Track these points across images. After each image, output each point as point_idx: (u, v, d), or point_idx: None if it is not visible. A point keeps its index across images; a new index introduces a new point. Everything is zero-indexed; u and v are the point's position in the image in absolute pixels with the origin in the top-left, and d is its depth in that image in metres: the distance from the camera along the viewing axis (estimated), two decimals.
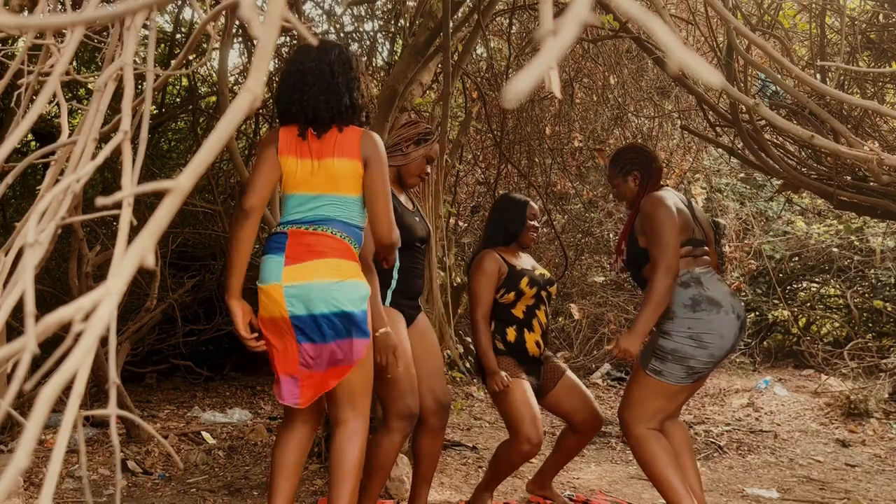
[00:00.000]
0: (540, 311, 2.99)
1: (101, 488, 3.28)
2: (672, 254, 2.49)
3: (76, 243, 3.63)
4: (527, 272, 2.96)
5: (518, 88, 0.37)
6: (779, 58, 1.24)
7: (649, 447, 2.53)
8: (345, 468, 2.10)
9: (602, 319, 6.07)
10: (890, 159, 1.28)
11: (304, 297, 2.04)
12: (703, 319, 2.51)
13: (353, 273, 2.08)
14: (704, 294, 2.54)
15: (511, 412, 2.81)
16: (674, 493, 2.51)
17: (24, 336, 0.45)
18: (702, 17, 3.95)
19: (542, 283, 2.99)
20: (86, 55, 4.98)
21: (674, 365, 2.52)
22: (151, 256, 0.46)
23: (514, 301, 2.93)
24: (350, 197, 2.13)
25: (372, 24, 5.00)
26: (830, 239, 6.36)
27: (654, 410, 2.57)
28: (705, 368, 2.54)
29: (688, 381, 2.55)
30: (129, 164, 0.68)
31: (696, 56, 0.39)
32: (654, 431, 2.56)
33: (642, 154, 2.80)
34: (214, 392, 5.55)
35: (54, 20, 0.55)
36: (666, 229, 2.52)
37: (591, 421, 3.00)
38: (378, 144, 2.13)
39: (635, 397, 2.60)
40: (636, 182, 2.74)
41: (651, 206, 2.58)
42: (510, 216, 3.02)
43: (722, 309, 2.52)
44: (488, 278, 2.90)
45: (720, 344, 2.51)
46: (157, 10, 1.13)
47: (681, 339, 2.51)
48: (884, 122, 3.58)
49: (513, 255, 3.02)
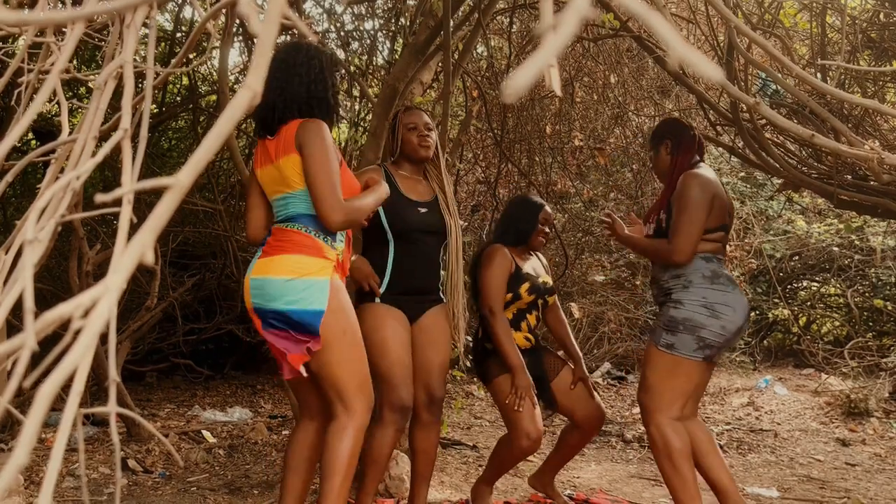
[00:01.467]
0: (531, 315, 2.98)
1: (101, 487, 3.28)
2: (686, 239, 2.47)
3: (76, 242, 3.63)
4: (530, 277, 2.94)
5: (518, 83, 0.37)
6: (779, 57, 1.23)
7: (668, 436, 2.48)
8: (330, 464, 2.09)
9: (602, 318, 6.07)
10: (890, 158, 1.28)
11: (261, 289, 2.09)
12: (720, 291, 2.50)
13: (310, 270, 2.07)
14: (723, 271, 2.55)
15: (510, 408, 2.80)
16: (685, 488, 2.48)
17: (24, 333, 0.45)
18: (702, 15, 3.95)
19: (542, 292, 2.97)
20: (86, 54, 4.97)
21: (685, 335, 2.48)
22: (151, 253, 0.46)
23: (509, 303, 2.92)
24: (302, 190, 2.11)
25: (372, 23, 5.00)
26: (831, 238, 6.36)
27: (673, 393, 2.50)
28: (716, 342, 2.49)
29: (699, 357, 2.49)
30: (128, 161, 0.68)
31: (696, 52, 0.39)
32: (675, 422, 2.50)
33: (674, 123, 2.76)
34: (215, 391, 5.55)
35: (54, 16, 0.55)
36: (691, 214, 2.48)
37: (593, 417, 2.98)
38: (311, 127, 2.08)
39: (651, 380, 2.55)
40: (667, 150, 2.69)
41: (685, 186, 2.53)
42: (523, 216, 3.00)
43: (737, 288, 2.55)
44: (502, 270, 2.87)
45: (732, 317, 2.49)
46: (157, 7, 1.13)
47: (694, 307, 2.49)
48: (884, 121, 3.58)
49: (520, 256, 3.00)
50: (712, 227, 2.56)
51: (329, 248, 2.12)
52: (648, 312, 6.15)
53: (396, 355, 2.46)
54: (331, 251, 2.13)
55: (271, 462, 3.73)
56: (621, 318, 6.06)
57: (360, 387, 2.13)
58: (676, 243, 2.49)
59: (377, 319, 2.50)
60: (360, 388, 2.13)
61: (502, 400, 2.83)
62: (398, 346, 2.48)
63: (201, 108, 5.31)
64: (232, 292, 5.37)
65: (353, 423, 2.10)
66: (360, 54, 5.10)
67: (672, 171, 2.65)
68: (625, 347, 6.06)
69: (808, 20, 3.59)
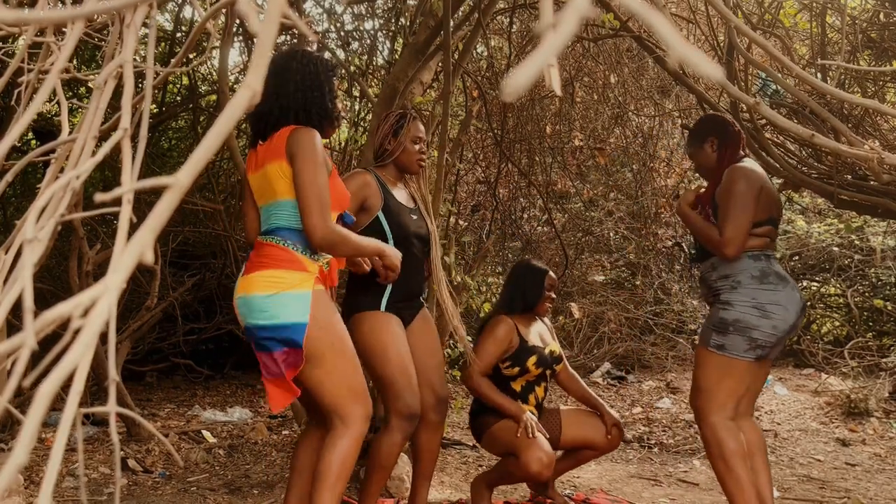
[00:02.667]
0: (539, 388, 2.97)
1: (101, 487, 3.28)
2: (736, 230, 2.44)
3: (76, 242, 3.63)
4: (537, 350, 2.93)
5: (518, 82, 0.37)
6: (779, 56, 1.23)
7: (722, 437, 2.45)
8: (321, 472, 2.06)
9: (602, 318, 6.07)
10: (890, 158, 1.28)
11: (245, 307, 2.07)
12: (770, 290, 2.46)
13: (290, 284, 2.03)
14: (772, 269, 2.50)
15: (519, 442, 2.75)
16: (740, 490, 2.43)
17: (23, 332, 0.45)
18: (702, 15, 3.95)
19: (550, 362, 2.97)
20: (86, 53, 4.98)
21: (736, 336, 2.44)
22: (150, 252, 0.46)
23: (517, 376, 2.92)
24: (288, 201, 2.07)
25: (372, 23, 5.01)
26: (831, 238, 6.36)
27: (726, 393, 2.47)
28: (768, 342, 2.45)
29: (750, 357, 2.45)
30: (128, 161, 0.68)
31: (696, 51, 0.39)
32: (730, 423, 2.47)
33: (718, 120, 2.71)
34: (215, 391, 5.56)
35: (53, 15, 0.55)
36: (738, 205, 2.45)
37: (616, 438, 3.01)
38: (302, 137, 2.03)
39: (703, 382, 2.52)
40: (713, 147, 2.65)
41: (730, 179, 2.50)
42: (529, 285, 3.00)
43: (789, 284, 2.49)
44: (498, 345, 2.88)
45: (784, 316, 2.44)
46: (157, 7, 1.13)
47: (744, 308, 2.45)
48: (884, 121, 3.58)
49: (527, 325, 3.00)
50: (761, 219, 2.51)
51: (310, 262, 2.07)
52: (648, 312, 6.16)
53: (399, 362, 2.45)
54: (312, 264, 2.08)
55: (271, 462, 3.73)
56: (621, 317, 6.06)
57: (355, 396, 2.09)
58: (727, 234, 2.44)
59: (378, 327, 2.48)
60: (354, 398, 2.08)
61: (506, 440, 2.80)
62: (400, 352, 2.47)
63: (201, 107, 5.31)
64: (232, 292, 5.35)
65: (350, 432, 2.07)
66: (360, 54, 5.10)
67: (718, 167, 2.62)
68: (625, 347, 6.06)
69: (808, 20, 3.59)
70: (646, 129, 5.74)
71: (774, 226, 2.59)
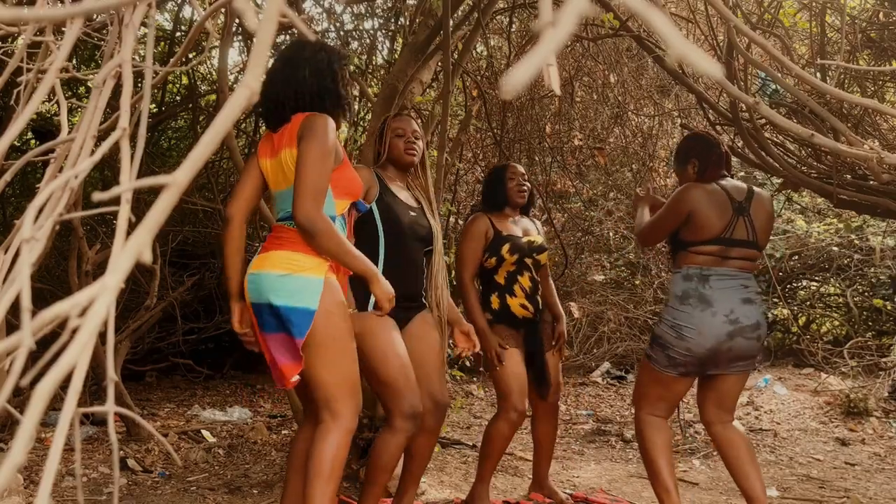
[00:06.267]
0: (523, 277, 3.02)
1: (100, 486, 3.28)
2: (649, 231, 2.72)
3: (76, 241, 3.63)
4: (511, 238, 2.99)
5: (517, 80, 0.37)
6: (779, 56, 1.23)
7: (646, 432, 2.65)
8: (314, 467, 2.04)
9: (602, 318, 6.07)
10: (890, 158, 1.27)
11: (255, 284, 2.07)
12: (686, 313, 2.52)
13: (304, 267, 2.03)
14: (699, 291, 2.52)
15: (501, 383, 2.93)
16: (660, 481, 2.61)
17: (21, 331, 0.44)
18: (702, 15, 3.95)
19: (527, 250, 3.01)
20: (85, 53, 4.97)
21: (658, 350, 2.59)
22: (149, 252, 0.45)
23: (496, 267, 2.99)
24: None
25: (372, 23, 5.01)
26: (830, 237, 6.36)
27: (656, 397, 2.65)
28: (686, 361, 2.52)
29: (672, 372, 2.57)
30: (127, 160, 0.68)
31: (695, 49, 0.39)
32: (657, 419, 2.65)
33: (702, 142, 2.74)
34: (214, 390, 5.56)
35: (51, 12, 0.55)
36: (661, 215, 2.65)
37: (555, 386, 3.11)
38: (315, 122, 2.03)
39: (638, 382, 2.78)
40: (694, 170, 2.70)
41: (674, 193, 2.64)
42: (495, 180, 3.12)
43: (710, 309, 2.49)
44: (475, 240, 2.99)
45: (698, 340, 2.48)
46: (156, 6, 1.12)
47: (665, 326, 2.57)
48: (884, 121, 3.58)
49: (504, 220, 3.06)
50: (702, 239, 2.55)
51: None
52: (648, 312, 6.15)
53: (398, 361, 2.43)
54: None
55: (271, 462, 3.72)
56: (621, 317, 6.06)
57: (348, 391, 2.08)
58: (640, 230, 2.78)
59: (373, 327, 2.47)
60: (348, 393, 2.07)
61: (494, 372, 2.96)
62: (398, 352, 2.45)
63: (201, 107, 5.30)
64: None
65: (339, 426, 2.05)
66: (360, 54, 5.10)
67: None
68: (624, 347, 6.06)
69: (808, 20, 3.59)
70: (645, 128, 5.73)
71: (733, 245, 2.57)
